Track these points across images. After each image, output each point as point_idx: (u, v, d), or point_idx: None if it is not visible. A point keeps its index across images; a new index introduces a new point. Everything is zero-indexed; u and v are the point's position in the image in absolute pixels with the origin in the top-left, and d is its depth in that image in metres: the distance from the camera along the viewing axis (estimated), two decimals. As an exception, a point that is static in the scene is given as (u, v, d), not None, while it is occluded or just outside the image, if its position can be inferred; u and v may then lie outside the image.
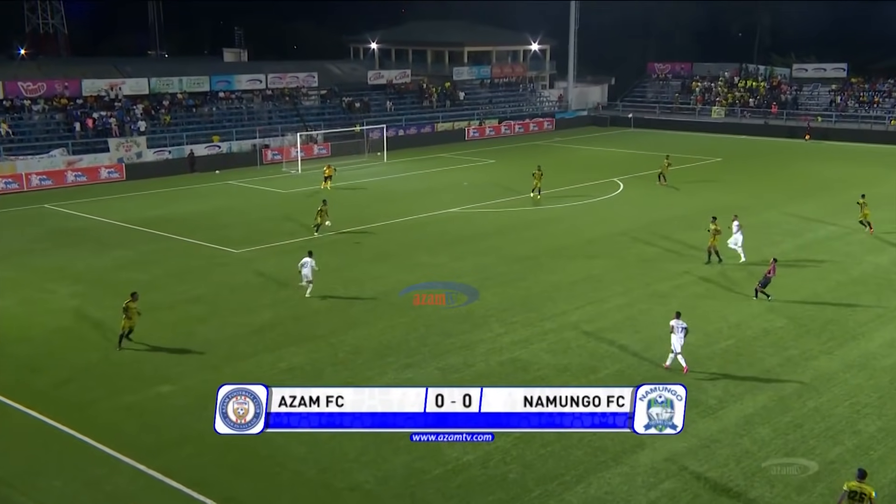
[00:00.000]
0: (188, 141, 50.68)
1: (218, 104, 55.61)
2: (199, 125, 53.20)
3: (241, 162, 50.84)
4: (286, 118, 57.09)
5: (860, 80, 66.87)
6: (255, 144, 52.51)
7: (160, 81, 53.26)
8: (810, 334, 21.30)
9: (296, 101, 59.11)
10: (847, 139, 58.31)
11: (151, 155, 48.78)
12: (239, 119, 55.47)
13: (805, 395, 17.76)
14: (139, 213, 37.56)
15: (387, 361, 19.86)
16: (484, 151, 56.89)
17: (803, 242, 30.55)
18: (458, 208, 37.81)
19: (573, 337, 21.40)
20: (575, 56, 73.48)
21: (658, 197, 39.66)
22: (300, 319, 22.98)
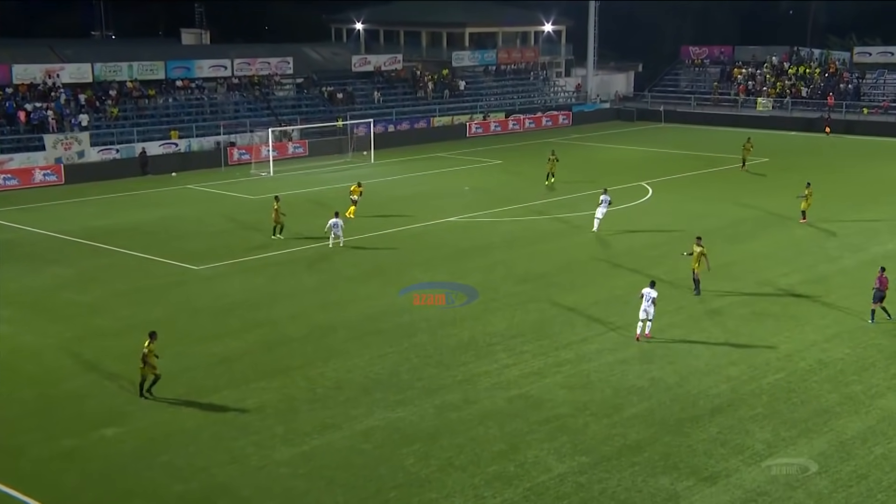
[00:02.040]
0: (139, 138, 50.83)
1: (175, 95, 55.83)
2: (153, 119, 53.38)
3: (203, 163, 51.00)
4: (256, 111, 57.31)
5: (935, 65, 67.24)
6: (218, 142, 52.69)
7: (106, 67, 53.46)
8: (876, 367, 21.30)
9: (267, 91, 59.38)
10: None
11: (96, 154, 48.89)
12: (200, 112, 55.66)
13: (871, 439, 17.73)
14: (81, 223, 37.56)
15: (374, 398, 19.85)
16: (488, 151, 57.10)
17: (867, 258, 30.60)
18: (459, 217, 37.89)
19: (594, 369, 21.39)
20: (596, 38, 73.90)
21: (694, 204, 39.78)
22: (271, 348, 22.98)
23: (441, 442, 17.86)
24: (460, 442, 17.85)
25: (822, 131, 62.52)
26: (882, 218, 36.27)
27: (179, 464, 17.09)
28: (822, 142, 59.10)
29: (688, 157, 52.38)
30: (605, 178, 45.93)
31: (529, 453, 17.34)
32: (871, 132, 60.94)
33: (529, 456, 17.24)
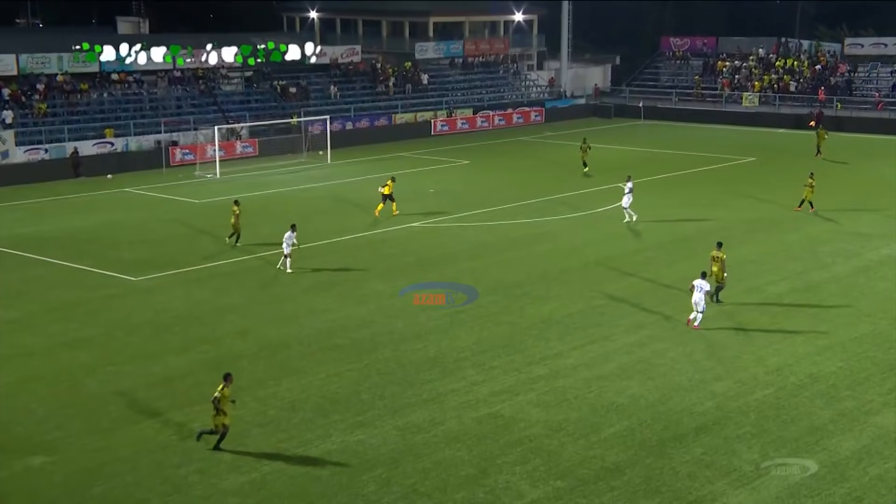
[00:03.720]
0: (71, 137, 50.37)
1: (111, 89, 55.36)
2: (86, 116, 52.89)
3: (142, 163, 50.65)
4: (200, 108, 57.00)
5: (930, 57, 68.64)
6: (159, 141, 52.34)
7: (33, 59, 52.90)
8: (870, 381, 21.64)
9: (213, 85, 59.05)
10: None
11: (21, 154, 48.31)
12: (138, 109, 55.27)
13: (865, 459, 18.00)
14: (6, 230, 37.12)
15: (331, 420, 19.80)
16: (455, 150, 57.28)
17: (861, 264, 31.13)
18: (423, 222, 37.94)
19: (569, 385, 21.50)
20: (570, 29, 74.51)
21: (677, 207, 40.19)
22: (218, 367, 22.70)
23: (404, 467, 17.84)
24: (425, 466, 17.85)
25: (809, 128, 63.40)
26: (876, 221, 36.91)
27: (115, 496, 16.89)
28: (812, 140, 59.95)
29: (669, 157, 52.93)
30: (581, 180, 46.33)
31: (500, 478, 17.38)
32: (864, 129, 61.96)
33: (500, 481, 17.28)
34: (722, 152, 54.57)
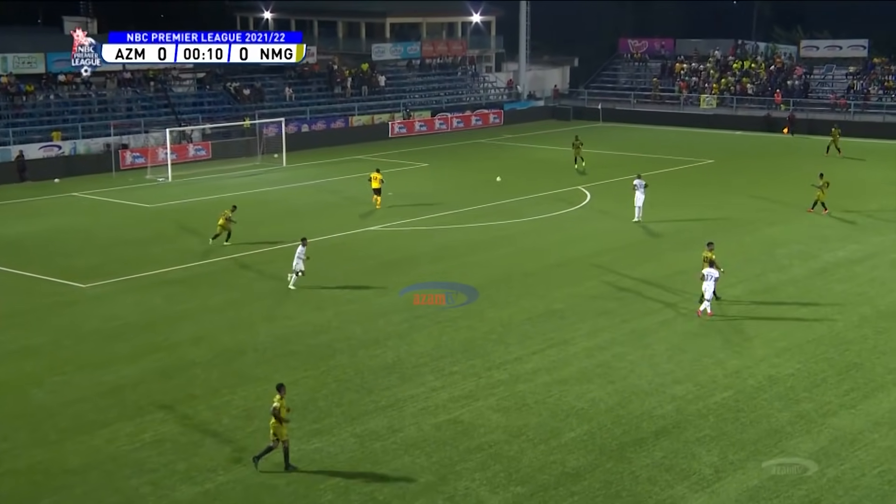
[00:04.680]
0: (16, 140, 49.60)
1: (58, 91, 54.58)
2: (32, 119, 52.13)
3: (91, 167, 50.03)
4: (151, 110, 56.43)
5: (884, 61, 69.96)
6: (108, 144, 51.74)
7: (-25, 60, 52.06)
8: (827, 383, 22.01)
9: (164, 87, 58.47)
10: (870, 135, 60.67)
11: (-34, 158, 47.50)
12: (87, 111, 54.57)
13: (823, 461, 18.29)
14: (-51, 236, 36.48)
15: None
16: (413, 152, 57.31)
17: (818, 266, 31.65)
18: (381, 226, 37.92)
19: (529, 390, 21.61)
20: (528, 30, 74.90)
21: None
22: (171, 375, 22.61)
23: (363, 475, 17.80)
24: (384, 473, 17.83)
25: (769, 130, 64.43)
26: (833, 223, 37.55)
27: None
28: (769, 142, 60.93)
29: (628, 159, 53.41)
30: (541, 182, 46.57)
31: (460, 484, 17.42)
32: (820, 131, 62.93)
33: (460, 487, 17.32)
34: (680, 154, 55.18)
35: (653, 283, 29.60)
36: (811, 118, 64.79)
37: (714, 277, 26.05)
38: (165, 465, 18.16)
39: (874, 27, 76.94)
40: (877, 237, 35.02)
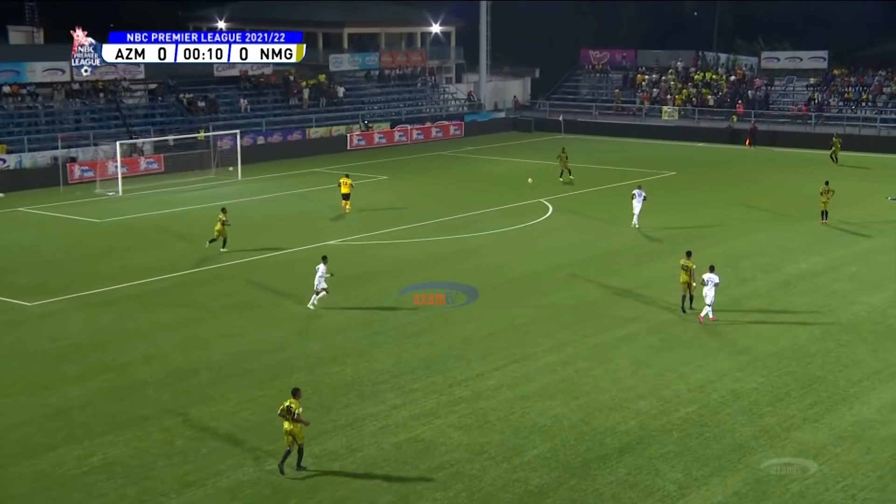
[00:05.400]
0: (-40, 152, 48.87)
1: (2, 103, 53.84)
2: (-23, 131, 51.37)
3: (37, 181, 49.43)
4: (101, 122, 55.89)
5: (844, 72, 71.30)
6: (56, 157, 51.17)
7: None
8: (791, 397, 22.27)
9: (114, 98, 57.92)
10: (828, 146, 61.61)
11: None
12: (33, 123, 53.95)
13: (787, 476, 18.47)
14: None
15: (243, 449, 19.55)
16: (372, 165, 57.27)
17: (781, 279, 32.06)
18: (339, 240, 37.81)
19: (491, 407, 21.62)
20: (488, 41, 75.29)
21: (599, 223, 40.87)
22: (121, 396, 22.33)
23: (320, 496, 17.69)
24: (342, 495, 17.74)
25: (731, 142, 65.28)
26: (795, 235, 38.08)
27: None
28: (731, 154, 61.73)
29: (590, 172, 53.81)
30: (502, 195, 46.74)
31: (421, 505, 17.37)
32: (781, 143, 63.95)
33: (421, 508, 17.28)
34: (642, 166, 55.68)
35: (616, 297, 29.82)
36: (772, 130, 65.80)
37: (714, 283, 26.61)
38: (115, 489, 17.90)
39: (834, 38, 78.43)
40: (839, 249, 35.58)
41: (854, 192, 46.55)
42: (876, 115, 65.60)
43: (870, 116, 65.61)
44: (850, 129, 64.46)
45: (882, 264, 33.45)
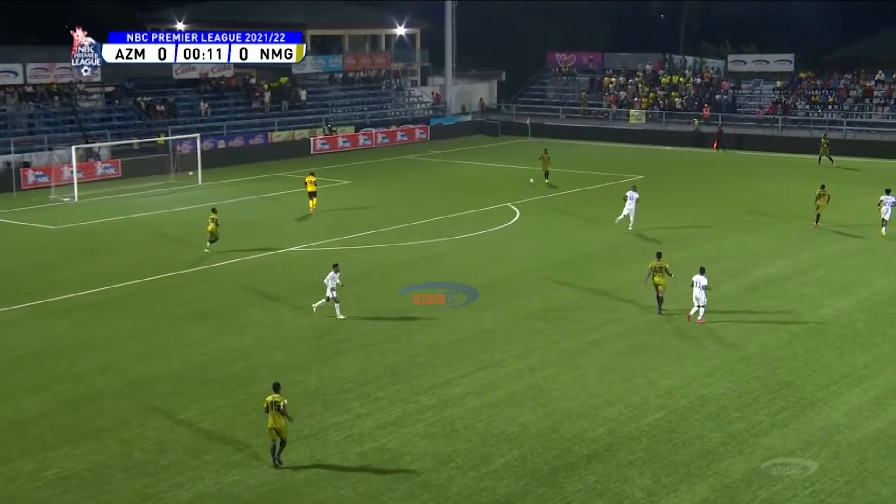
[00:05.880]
0: None
1: (-46, 105, 53.20)
2: (-73, 135, 50.69)
3: (-11, 187, 48.85)
4: (56, 126, 55.35)
5: (811, 75, 72.25)
6: (9, 162, 50.73)
7: None
8: (759, 402, 22.48)
9: (70, 101, 57.33)
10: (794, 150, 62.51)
11: None
12: (-14, 126, 53.23)
13: (755, 482, 18.65)
14: None
15: (204, 461, 19.39)
16: (337, 169, 57.14)
17: (748, 283, 32.38)
18: (303, 246, 37.68)
19: (458, 415, 21.63)
20: (454, 43, 75.42)
21: (567, 227, 41.06)
22: (77, 408, 22.09)
23: (284, 508, 17.61)
24: (307, 507, 17.66)
25: (699, 146, 65.91)
26: (763, 239, 38.48)
27: (-37, 553, 16.12)
28: (699, 157, 62.31)
29: (557, 176, 53.96)
30: (469, 199, 46.84)
31: (387, 516, 17.35)
32: (749, 146, 64.65)
33: (387, 519, 17.25)
34: (610, 170, 56.06)
35: (584, 302, 29.98)
36: (739, 133, 66.51)
37: (702, 284, 27.27)
38: (72, 503, 17.67)
39: (800, 41, 79.45)
40: (806, 253, 36.00)
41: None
42: (842, 118, 66.48)
43: (836, 120, 66.48)
44: (817, 133, 65.24)
45: (849, 268, 33.90)
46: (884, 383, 23.44)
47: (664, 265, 28.51)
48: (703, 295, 27.36)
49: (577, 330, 27.38)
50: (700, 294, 27.36)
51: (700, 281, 27.40)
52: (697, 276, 27.55)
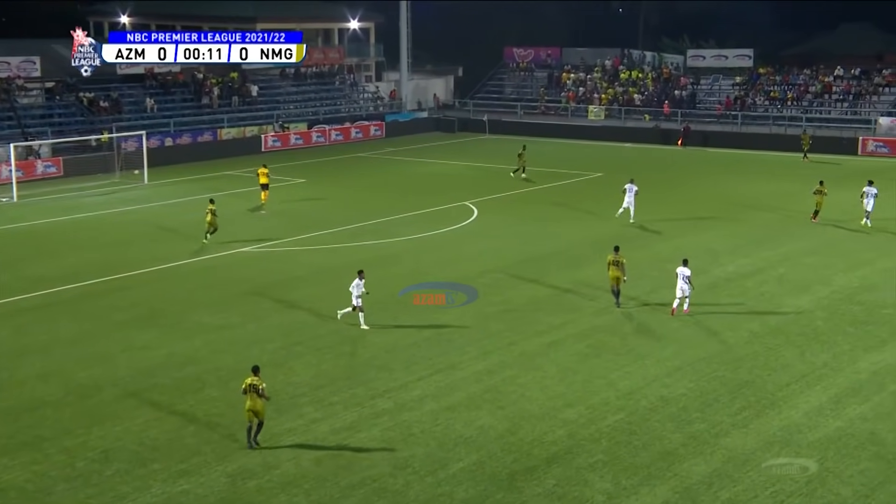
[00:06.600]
0: None
1: None
2: None
3: (-76, 186, 48.00)
4: (-6, 122, 54.44)
5: (769, 71, 73.24)
6: (-55, 161, 49.73)
7: None
8: (720, 402, 22.73)
9: (8, 97, 56.47)
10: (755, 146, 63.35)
11: None
12: (-80, 124, 52.30)
13: (716, 483, 18.87)
14: None
15: (151, 469, 19.22)
16: (289, 167, 56.88)
17: (708, 282, 32.68)
18: (254, 247, 37.46)
19: (415, 419, 21.64)
20: (409, 38, 75.41)
21: (525, 226, 41.22)
22: (16, 416, 21.79)
23: (236, 517, 17.52)
24: (259, 516, 17.58)
25: (659, 142, 66.51)
26: (723, 237, 38.94)
27: None
28: (659, 154, 62.87)
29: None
30: (425, 197, 46.87)
31: (342, 524, 17.31)
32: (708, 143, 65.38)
33: (342, 527, 17.22)
34: (569, 168, 56.41)
35: (543, 302, 30.11)
36: (699, 130, 67.18)
37: (685, 276, 28.18)
38: (14, 515, 17.48)
39: (759, 37, 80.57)
40: (766, 251, 36.47)
41: (780, 193, 47.84)
42: (801, 114, 67.47)
43: (795, 116, 67.45)
44: (776, 129, 66.23)
45: (809, 266, 34.40)
46: (843, 382, 23.82)
47: (621, 259, 29.21)
48: (688, 286, 28.22)
49: (536, 331, 27.50)
50: (685, 285, 28.23)
51: (684, 272, 28.26)
52: (681, 268, 28.40)
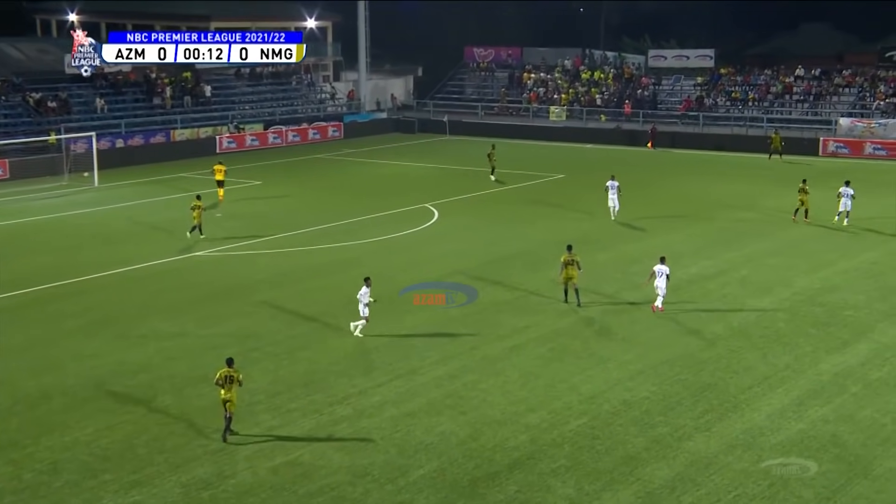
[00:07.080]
0: None
1: None
2: None
3: None
4: (-63, 123, 53.62)
5: (731, 71, 74.07)
6: None
7: None
8: (682, 406, 22.92)
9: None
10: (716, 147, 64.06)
11: None
12: None
13: (679, 487, 19.02)
14: None
15: (102, 480, 19.03)
16: (245, 169, 56.60)
17: (671, 283, 32.73)
18: (209, 251, 37.23)
19: (375, 426, 21.60)
20: (367, 37, 75.33)
21: (486, 228, 41.31)
22: (-36, 427, 21.43)
23: (191, 529, 17.39)
24: (215, 527, 17.47)
25: (622, 143, 67.01)
26: (686, 239, 39.27)
27: None
28: (622, 155, 63.31)
29: (477, 174, 54.38)
30: (385, 199, 46.84)
31: (300, 533, 17.23)
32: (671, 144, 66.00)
33: (300, 537, 17.14)
34: (530, 169, 56.62)
35: (504, 306, 30.18)
36: (665, 131, 67.76)
37: (665, 274, 28.85)
38: (-40, 529, 17.21)
39: (720, 37, 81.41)
40: (729, 252, 36.84)
41: (744, 194, 48.37)
42: (762, 115, 68.31)
43: (756, 116, 68.29)
44: (738, 130, 66.96)
45: (771, 267, 34.81)
46: (805, 384, 24.12)
47: (575, 258, 29.67)
48: (665, 284, 28.85)
49: (497, 335, 27.56)
50: (661, 283, 28.86)
51: (663, 270, 28.91)
52: (659, 266, 29.08)
